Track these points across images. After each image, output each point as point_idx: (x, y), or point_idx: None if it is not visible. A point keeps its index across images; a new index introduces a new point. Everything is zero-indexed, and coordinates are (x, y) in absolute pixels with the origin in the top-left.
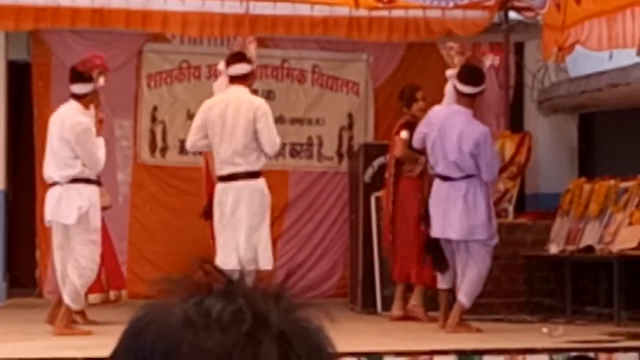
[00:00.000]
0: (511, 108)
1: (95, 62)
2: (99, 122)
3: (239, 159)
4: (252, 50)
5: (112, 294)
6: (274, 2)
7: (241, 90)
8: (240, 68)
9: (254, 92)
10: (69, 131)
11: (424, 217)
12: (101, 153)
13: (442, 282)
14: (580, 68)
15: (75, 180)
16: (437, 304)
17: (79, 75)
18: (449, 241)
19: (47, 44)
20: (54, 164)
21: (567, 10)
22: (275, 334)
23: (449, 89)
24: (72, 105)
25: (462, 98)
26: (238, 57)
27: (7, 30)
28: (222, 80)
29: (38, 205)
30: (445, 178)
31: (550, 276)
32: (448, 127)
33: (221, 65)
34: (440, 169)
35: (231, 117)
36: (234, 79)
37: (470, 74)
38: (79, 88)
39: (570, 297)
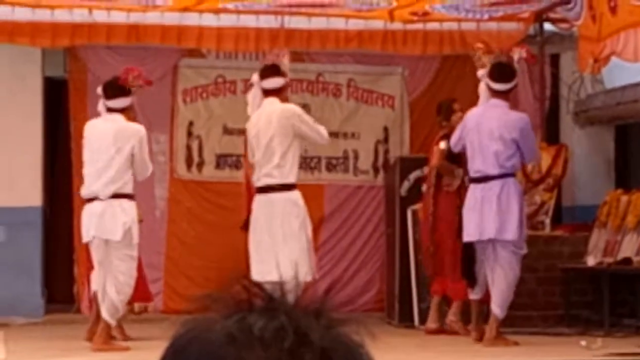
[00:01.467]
0: (547, 120)
1: (135, 74)
2: None
3: (274, 171)
4: (285, 62)
5: (137, 306)
6: (308, 16)
7: (274, 103)
8: (274, 82)
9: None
10: (132, 138)
11: (460, 230)
12: None
13: (472, 293)
14: (616, 79)
15: (117, 195)
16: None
17: (119, 89)
18: (480, 249)
19: (83, 60)
20: (100, 178)
21: (602, 21)
22: (317, 351)
23: (482, 89)
24: (118, 117)
25: (496, 95)
26: (272, 70)
27: (44, 47)
28: (256, 91)
29: (75, 221)
30: (480, 180)
31: (587, 288)
32: (486, 120)
33: (254, 77)
34: (477, 167)
35: (264, 131)
36: (268, 92)
37: (501, 71)
38: (120, 102)
39: (608, 310)
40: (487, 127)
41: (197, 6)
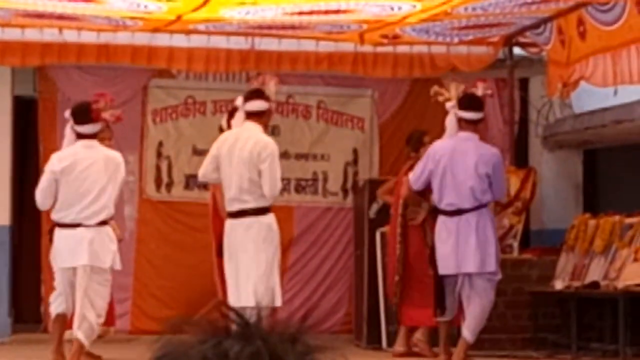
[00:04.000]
0: (516, 143)
1: (100, 105)
2: None
3: (246, 196)
4: (272, 87)
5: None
6: (279, 38)
7: (254, 127)
8: (257, 105)
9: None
10: (120, 167)
11: (431, 260)
12: None
13: (442, 317)
14: (585, 104)
15: (103, 222)
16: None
17: (90, 114)
18: (453, 280)
19: (52, 79)
20: (90, 206)
21: (571, 46)
22: None
23: (450, 121)
24: (96, 144)
25: (466, 125)
26: (256, 93)
27: (13, 66)
28: (239, 116)
29: (43, 241)
30: (454, 213)
31: (555, 312)
32: (460, 154)
33: (239, 100)
34: (449, 201)
35: (238, 153)
36: (250, 115)
37: (471, 100)
38: (91, 128)
39: (575, 333)
40: (463, 161)
41: (168, 27)
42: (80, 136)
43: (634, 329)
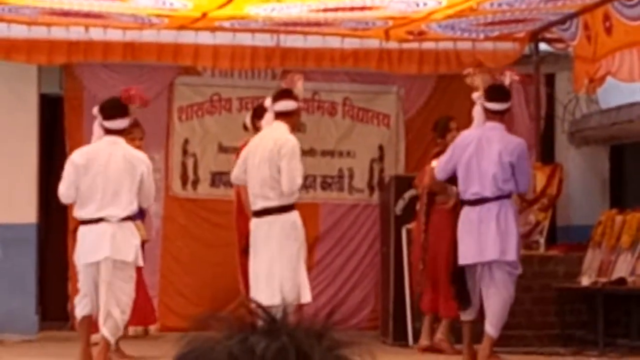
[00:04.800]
0: (542, 139)
1: (133, 92)
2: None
3: (269, 193)
4: (299, 86)
5: (132, 329)
6: (304, 35)
7: (281, 127)
8: (285, 105)
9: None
10: (143, 165)
11: (454, 253)
12: None
13: (465, 314)
14: (611, 99)
15: (126, 218)
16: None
17: (118, 109)
18: (474, 270)
19: (79, 77)
20: (113, 202)
21: (598, 41)
22: None
23: (477, 111)
24: (120, 141)
25: (493, 116)
26: (284, 93)
27: (40, 64)
28: (269, 116)
29: (70, 238)
30: (477, 202)
31: (582, 308)
32: (485, 142)
33: (267, 101)
34: (474, 190)
35: (261, 152)
36: (278, 115)
37: (497, 91)
38: (119, 123)
39: (602, 330)
40: (487, 149)
41: (193, 24)
42: (108, 132)
43: None
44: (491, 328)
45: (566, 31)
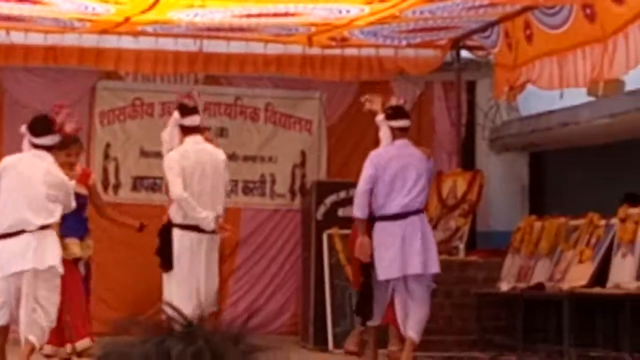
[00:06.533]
0: (463, 146)
1: (62, 117)
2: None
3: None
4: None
5: (79, 345)
6: (227, 40)
7: (202, 141)
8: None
9: (208, 129)
10: (62, 186)
11: (363, 267)
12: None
13: (370, 322)
14: (531, 107)
15: (45, 227)
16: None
17: (48, 126)
18: (387, 284)
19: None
20: (29, 210)
21: (518, 49)
22: None
23: (384, 132)
24: (45, 155)
25: (400, 134)
26: (192, 109)
27: None
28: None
29: None
30: (399, 216)
31: (501, 313)
32: (403, 158)
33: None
34: (398, 203)
35: (210, 170)
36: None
37: (398, 110)
38: (49, 140)
39: (521, 335)
40: (409, 166)
41: (116, 28)
42: (36, 148)
43: (579, 330)
44: (414, 334)
45: (487, 39)
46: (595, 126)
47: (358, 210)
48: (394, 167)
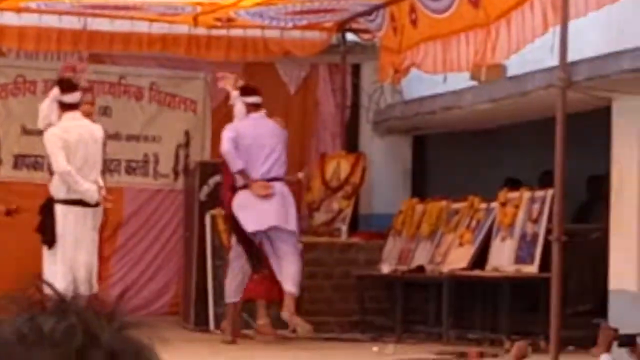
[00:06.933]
0: (347, 128)
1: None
2: None
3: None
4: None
5: None
6: (111, 19)
7: (81, 118)
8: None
9: (92, 103)
10: None
11: (234, 227)
12: None
13: (230, 296)
14: (415, 90)
15: None
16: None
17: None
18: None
19: None
20: None
21: (403, 33)
22: (105, 352)
23: (238, 108)
24: None
25: (255, 108)
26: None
27: None
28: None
29: None
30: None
31: (382, 295)
32: (263, 129)
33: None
34: (257, 171)
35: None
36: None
37: (251, 88)
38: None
39: (400, 317)
40: (267, 135)
41: None
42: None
43: (458, 313)
44: (293, 287)
45: (373, 22)
46: (477, 110)
47: (235, 165)
48: (250, 136)
